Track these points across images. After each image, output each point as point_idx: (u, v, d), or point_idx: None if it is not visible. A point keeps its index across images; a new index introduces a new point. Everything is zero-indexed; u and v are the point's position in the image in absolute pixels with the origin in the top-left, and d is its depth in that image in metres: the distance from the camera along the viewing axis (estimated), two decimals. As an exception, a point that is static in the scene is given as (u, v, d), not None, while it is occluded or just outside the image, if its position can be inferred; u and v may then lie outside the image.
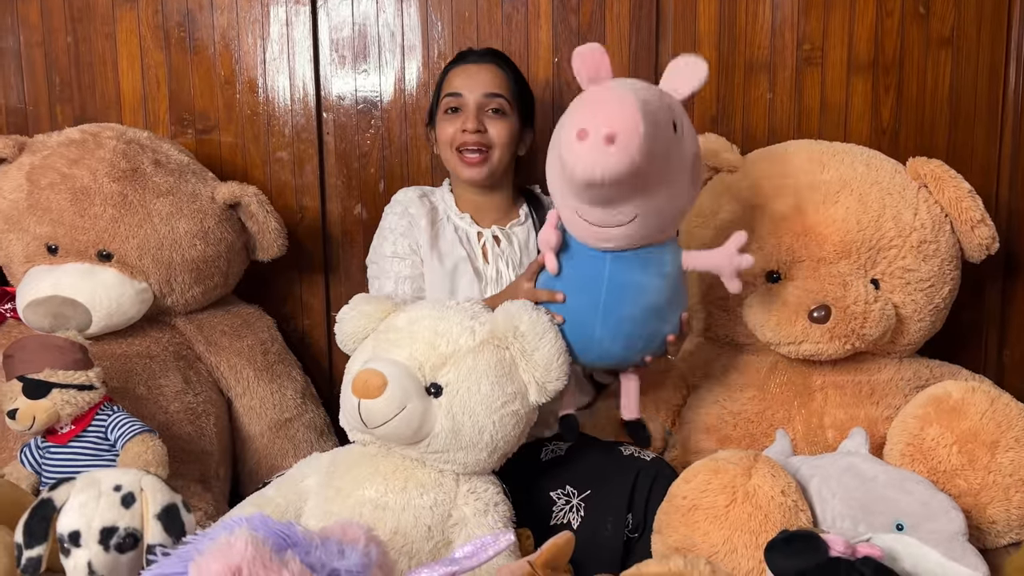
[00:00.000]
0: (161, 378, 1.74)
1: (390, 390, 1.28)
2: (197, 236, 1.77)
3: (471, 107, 1.68)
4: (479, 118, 1.68)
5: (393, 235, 1.74)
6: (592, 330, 1.39)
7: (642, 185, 1.24)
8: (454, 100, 1.70)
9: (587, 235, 1.36)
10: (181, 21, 2.01)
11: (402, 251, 1.72)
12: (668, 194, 1.30)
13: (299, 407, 1.90)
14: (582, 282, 1.39)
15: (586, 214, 1.32)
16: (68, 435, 1.49)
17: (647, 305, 1.38)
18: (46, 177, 1.72)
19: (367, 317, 1.43)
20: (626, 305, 1.38)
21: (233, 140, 2.05)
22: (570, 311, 1.41)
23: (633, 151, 1.17)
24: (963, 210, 1.65)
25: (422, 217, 1.74)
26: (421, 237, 1.73)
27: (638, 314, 1.39)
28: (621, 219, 1.30)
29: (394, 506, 1.32)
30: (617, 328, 1.39)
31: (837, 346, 1.57)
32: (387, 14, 2.01)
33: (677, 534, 1.31)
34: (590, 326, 1.39)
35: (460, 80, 1.71)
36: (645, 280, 1.37)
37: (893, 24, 1.97)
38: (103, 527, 1.14)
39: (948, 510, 1.30)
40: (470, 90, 1.69)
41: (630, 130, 1.16)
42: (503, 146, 1.69)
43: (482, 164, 1.69)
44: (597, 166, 1.18)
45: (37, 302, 1.65)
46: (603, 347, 1.41)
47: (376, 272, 1.75)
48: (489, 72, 1.70)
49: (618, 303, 1.38)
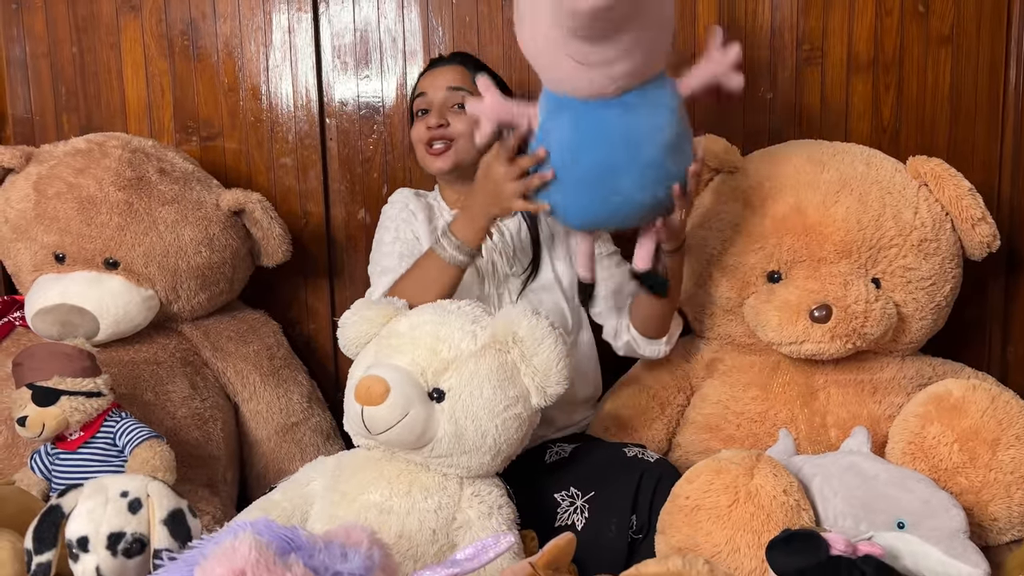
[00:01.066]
0: (168, 384, 1.75)
1: (392, 397, 1.29)
2: (202, 243, 1.79)
3: (435, 104, 1.70)
4: (442, 112, 1.69)
5: (394, 223, 1.75)
6: (619, 186, 1.35)
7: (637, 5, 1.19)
8: (421, 101, 1.72)
9: (589, 81, 1.28)
10: (184, 30, 2.03)
11: (404, 236, 1.72)
12: (657, 15, 1.25)
13: (305, 411, 1.91)
14: (594, 140, 1.33)
15: (585, 56, 1.24)
16: (77, 442, 1.50)
17: (664, 143, 1.34)
18: (53, 187, 1.74)
19: (369, 322, 1.44)
20: (647, 149, 1.33)
21: (237, 147, 2.07)
22: (589, 173, 1.35)
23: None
24: (963, 208, 1.65)
25: (420, 212, 1.75)
26: (420, 229, 1.73)
27: (659, 157, 1.34)
28: (622, 50, 1.23)
29: (399, 510, 1.33)
30: (644, 174, 1.34)
31: (839, 345, 1.58)
32: (388, 20, 2.03)
33: (680, 534, 1.32)
34: (615, 182, 1.34)
35: (426, 82, 1.73)
36: (657, 117, 1.33)
37: (892, 23, 1.97)
38: (110, 532, 1.15)
39: (949, 508, 1.30)
40: (435, 89, 1.70)
41: None
42: (467, 136, 1.66)
43: (446, 154, 1.69)
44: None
45: (45, 310, 1.67)
46: (632, 200, 1.36)
47: (378, 257, 1.74)
48: (452, 71, 1.72)
49: (638, 149, 1.33)
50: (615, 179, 1.34)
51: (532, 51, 1.32)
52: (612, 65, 1.25)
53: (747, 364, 1.72)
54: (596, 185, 1.36)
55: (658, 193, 1.38)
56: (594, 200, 1.37)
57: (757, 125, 2.01)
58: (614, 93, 1.30)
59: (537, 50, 1.30)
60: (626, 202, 1.37)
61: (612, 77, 1.27)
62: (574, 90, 1.31)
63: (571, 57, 1.25)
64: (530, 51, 1.32)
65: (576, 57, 1.25)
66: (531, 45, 1.31)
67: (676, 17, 1.97)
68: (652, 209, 1.41)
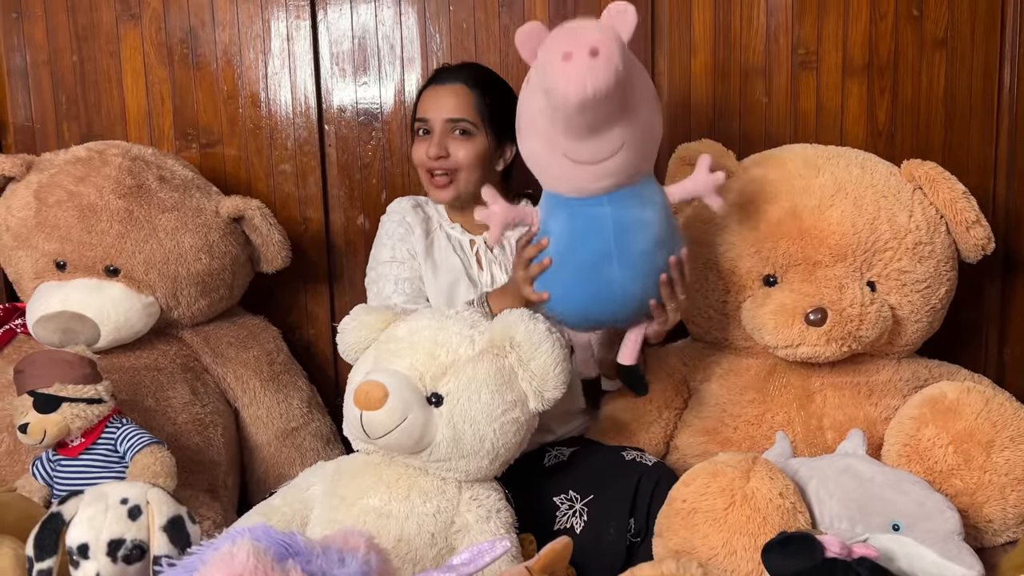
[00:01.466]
0: (169, 390, 1.76)
1: (391, 402, 1.30)
2: (202, 250, 1.80)
3: (436, 131, 1.69)
4: (442, 143, 1.68)
5: (391, 240, 1.76)
6: (610, 275, 1.41)
7: (625, 102, 1.30)
8: (422, 124, 1.71)
9: (582, 179, 1.38)
10: (184, 38, 2.04)
11: (400, 256, 1.74)
12: (645, 116, 1.36)
13: (305, 416, 1.92)
14: (587, 232, 1.41)
15: (578, 154, 1.35)
16: (78, 448, 1.51)
17: (653, 238, 1.42)
18: (54, 195, 1.75)
19: (368, 327, 1.45)
20: (637, 241, 1.41)
21: (237, 153, 2.08)
22: (585, 265, 1.42)
23: (616, 60, 1.23)
24: (958, 211, 1.65)
25: (417, 226, 1.76)
26: (417, 245, 1.74)
27: (649, 248, 1.42)
28: (612, 148, 1.33)
29: (398, 514, 1.34)
30: (634, 266, 1.42)
31: (834, 348, 1.59)
32: (386, 27, 2.04)
33: (677, 537, 1.33)
34: (607, 271, 1.41)
35: (427, 103, 1.71)
36: (646, 213, 1.41)
37: (887, 27, 1.98)
38: (111, 539, 1.16)
39: (943, 510, 1.31)
40: (436, 114, 1.69)
41: (610, 41, 1.24)
42: (469, 168, 1.68)
43: (448, 187, 1.70)
44: (587, 81, 1.22)
45: (47, 318, 1.68)
46: (625, 290, 1.42)
47: (375, 277, 1.76)
48: (454, 95, 1.68)
49: (629, 240, 1.40)
50: (608, 268, 1.41)
51: (531, 157, 1.43)
52: (602, 162, 1.35)
53: (744, 367, 1.73)
54: (591, 274, 1.43)
55: (648, 284, 1.44)
56: (589, 290, 1.44)
57: (753, 129, 2.02)
58: (605, 190, 1.39)
59: (536, 154, 1.41)
60: (620, 292, 1.43)
61: (603, 174, 1.37)
62: (569, 189, 1.41)
63: (565, 156, 1.36)
64: (530, 158, 1.43)
65: (570, 155, 1.35)
66: (530, 151, 1.42)
67: (671, 24, 2.00)
68: (643, 302, 1.46)
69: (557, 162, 1.38)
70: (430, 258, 1.74)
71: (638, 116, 1.34)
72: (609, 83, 1.23)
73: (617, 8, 1.37)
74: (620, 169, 1.37)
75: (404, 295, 1.71)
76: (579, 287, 1.44)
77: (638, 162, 1.39)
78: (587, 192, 1.40)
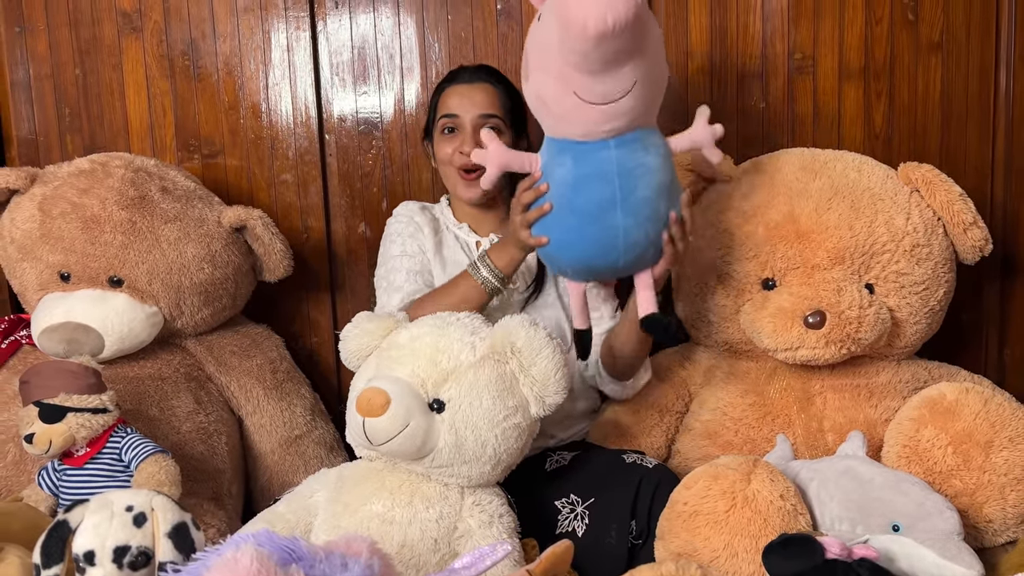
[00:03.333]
0: (173, 399, 1.77)
1: (393, 408, 1.31)
2: (205, 260, 1.81)
3: (467, 128, 1.71)
4: (476, 139, 1.69)
5: (401, 237, 1.76)
6: (615, 219, 1.41)
7: (640, 38, 1.30)
8: (451, 121, 1.72)
9: (591, 119, 1.37)
10: (185, 50, 2.06)
11: (411, 250, 1.74)
12: (654, 58, 1.37)
13: (309, 424, 1.93)
14: (593, 176, 1.41)
15: (590, 92, 1.34)
16: (84, 457, 1.52)
17: (657, 184, 1.42)
18: (57, 207, 1.77)
19: (369, 334, 1.45)
20: (641, 186, 1.41)
21: (238, 164, 2.10)
22: (589, 209, 1.42)
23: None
24: (955, 213, 1.66)
25: (425, 226, 1.77)
26: (427, 243, 1.76)
27: (652, 195, 1.42)
28: (623, 86, 1.33)
29: (401, 520, 1.35)
30: (638, 211, 1.41)
31: (833, 351, 1.59)
32: (385, 37, 2.05)
33: (679, 540, 1.33)
34: (612, 216, 1.41)
35: (455, 101, 1.73)
36: (650, 159, 1.41)
37: (883, 31, 1.99)
38: (116, 546, 1.17)
39: (943, 510, 1.32)
40: (465, 111, 1.71)
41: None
42: None
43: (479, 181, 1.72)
44: (608, 11, 1.22)
45: (51, 328, 1.69)
46: (629, 236, 1.42)
47: (385, 272, 1.76)
48: (483, 92, 1.72)
49: (633, 186, 1.40)
50: (611, 213, 1.41)
51: (539, 98, 1.41)
52: (613, 103, 1.34)
53: (744, 370, 1.74)
54: (593, 219, 1.42)
55: (650, 232, 1.44)
56: (590, 234, 1.43)
57: (750, 134, 2.03)
58: (613, 133, 1.38)
59: (544, 95, 1.39)
60: (623, 239, 1.42)
61: (613, 114, 1.36)
62: (576, 132, 1.40)
63: (576, 95, 1.34)
64: (537, 100, 1.42)
65: (581, 94, 1.34)
66: (538, 92, 1.40)
67: (668, 29, 2.01)
68: (644, 249, 1.46)
69: (567, 101, 1.36)
70: (439, 255, 1.75)
71: (649, 55, 1.34)
72: (629, 15, 1.23)
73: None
74: (630, 110, 1.36)
75: (416, 284, 1.71)
76: (582, 233, 1.43)
77: (647, 104, 1.39)
78: (594, 135, 1.39)
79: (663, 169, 1.43)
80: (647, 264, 1.49)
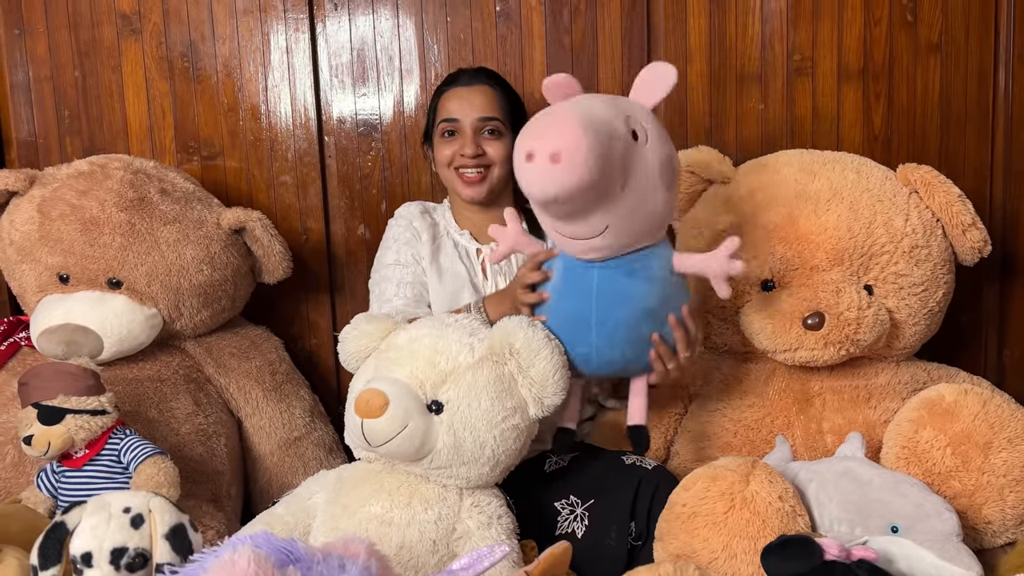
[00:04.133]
0: (172, 401, 1.77)
1: (392, 409, 1.31)
2: (204, 261, 1.81)
3: (467, 131, 1.72)
4: (476, 141, 1.72)
5: (396, 244, 1.77)
6: (589, 337, 1.42)
7: (604, 195, 1.28)
8: (450, 125, 1.73)
9: (570, 249, 1.40)
10: (184, 52, 2.06)
11: (404, 260, 1.75)
12: (636, 201, 1.33)
13: (308, 425, 1.93)
14: (574, 292, 1.42)
15: (560, 229, 1.36)
16: (82, 459, 1.52)
17: (638, 309, 1.41)
18: (56, 209, 1.77)
19: (368, 336, 1.46)
20: (617, 311, 1.40)
21: (238, 165, 2.10)
22: (567, 321, 1.44)
23: (579, 166, 1.20)
24: (954, 214, 1.66)
25: (424, 231, 1.78)
26: (423, 250, 1.76)
27: (631, 318, 1.41)
28: (593, 231, 1.33)
29: (399, 521, 1.35)
30: (612, 334, 1.41)
31: (832, 352, 1.59)
32: (384, 38, 2.06)
33: (678, 541, 1.33)
34: (586, 334, 1.42)
35: (454, 104, 1.74)
36: (633, 286, 1.40)
37: (881, 32, 1.99)
38: (113, 548, 1.17)
39: (941, 511, 1.32)
40: (465, 114, 1.72)
41: (572, 147, 1.20)
42: (501, 163, 1.73)
43: (481, 182, 1.73)
44: (548, 184, 1.22)
45: (50, 330, 1.70)
46: (602, 354, 1.43)
47: (378, 280, 1.78)
48: (482, 94, 1.73)
49: (609, 310, 1.40)
50: (586, 331, 1.42)
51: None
52: (587, 240, 1.35)
53: (743, 372, 1.74)
54: (570, 331, 1.43)
55: (627, 353, 1.44)
56: (566, 341, 1.44)
57: (749, 136, 2.03)
58: (597, 260, 1.39)
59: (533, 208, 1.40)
60: (595, 356, 1.43)
61: (589, 248, 1.37)
62: (566, 251, 1.43)
63: (550, 226, 1.38)
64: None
65: (555, 229, 1.38)
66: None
67: (667, 32, 2.01)
68: (621, 367, 1.47)
69: (548, 231, 1.42)
70: (435, 263, 1.75)
71: (629, 198, 1.31)
72: (572, 187, 1.22)
73: (653, 72, 1.37)
74: (606, 246, 1.36)
75: (404, 298, 1.72)
76: (567, 341, 1.44)
77: (632, 239, 1.37)
78: (580, 258, 1.40)
79: (648, 294, 1.41)
80: (636, 374, 1.49)
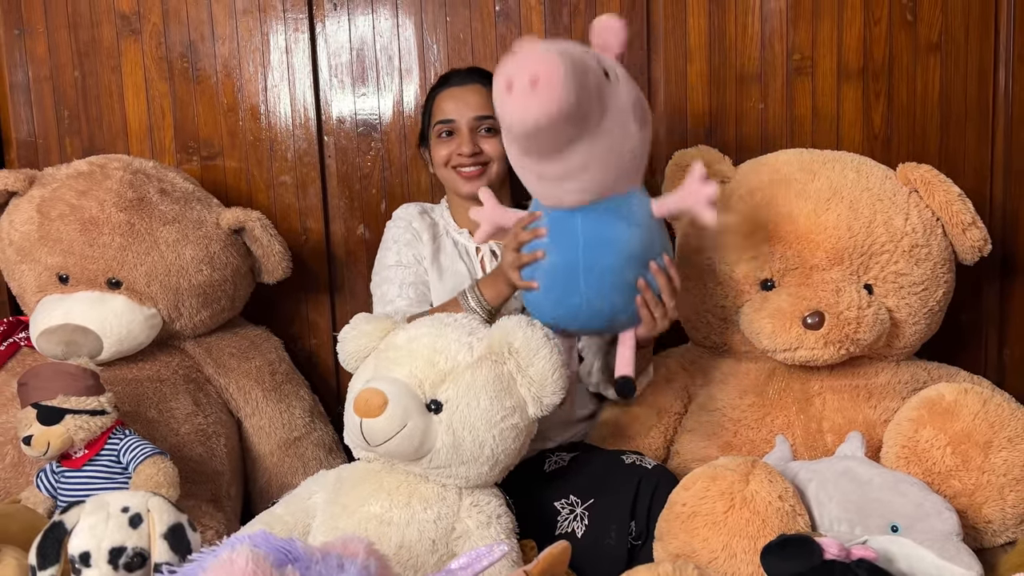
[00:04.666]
0: (171, 401, 1.77)
1: (391, 409, 1.31)
2: (203, 261, 1.81)
3: (464, 130, 1.72)
4: (473, 140, 1.72)
5: (397, 245, 1.78)
6: (577, 288, 1.40)
7: (581, 127, 1.27)
8: (447, 125, 1.74)
9: (552, 193, 1.39)
10: (184, 52, 2.06)
11: (406, 260, 1.75)
12: (613, 137, 1.32)
13: (308, 425, 1.93)
14: (559, 243, 1.41)
15: (542, 171, 1.35)
16: (82, 459, 1.52)
17: (625, 254, 1.40)
18: (56, 209, 1.77)
19: (367, 336, 1.45)
20: (605, 257, 1.39)
21: (237, 165, 2.10)
22: (553, 275, 1.42)
23: (558, 89, 1.20)
24: (954, 213, 1.66)
25: (424, 231, 1.78)
26: (424, 250, 1.76)
27: (618, 265, 1.40)
28: (573, 168, 1.32)
29: (399, 521, 1.35)
30: (600, 282, 1.40)
31: (832, 352, 1.59)
32: (384, 38, 2.06)
33: (678, 541, 1.33)
34: (574, 285, 1.40)
35: (450, 105, 1.74)
36: (619, 229, 1.39)
37: (881, 31, 1.99)
38: (112, 547, 1.17)
39: (941, 511, 1.32)
40: (461, 114, 1.73)
41: (551, 71, 1.19)
42: (499, 159, 1.73)
43: (480, 177, 1.73)
44: (528, 112, 1.21)
45: (50, 330, 1.70)
46: (592, 306, 1.41)
47: (379, 281, 1.78)
48: (476, 93, 1.73)
49: (597, 256, 1.39)
50: (575, 279, 1.40)
51: (513, 164, 1.43)
52: (564, 181, 1.35)
53: (743, 371, 1.74)
54: (559, 283, 1.42)
55: (616, 300, 1.42)
56: (557, 297, 1.43)
57: (749, 135, 2.03)
58: (578, 204, 1.38)
59: (514, 167, 1.42)
60: (585, 306, 1.42)
61: (570, 190, 1.36)
62: (545, 200, 1.42)
63: (529, 171, 1.38)
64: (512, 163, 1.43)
65: (532, 171, 1.37)
66: (512, 163, 1.42)
67: (666, 32, 2.01)
68: (611, 317, 1.45)
69: (528, 177, 1.40)
70: (436, 263, 1.75)
71: (605, 135, 1.31)
72: (551, 113, 1.21)
73: (602, 24, 1.37)
74: (587, 187, 1.36)
75: (408, 299, 1.72)
76: (550, 293, 1.43)
77: (611, 179, 1.36)
78: (562, 204, 1.39)
79: (636, 237, 1.40)
80: (624, 327, 1.48)
